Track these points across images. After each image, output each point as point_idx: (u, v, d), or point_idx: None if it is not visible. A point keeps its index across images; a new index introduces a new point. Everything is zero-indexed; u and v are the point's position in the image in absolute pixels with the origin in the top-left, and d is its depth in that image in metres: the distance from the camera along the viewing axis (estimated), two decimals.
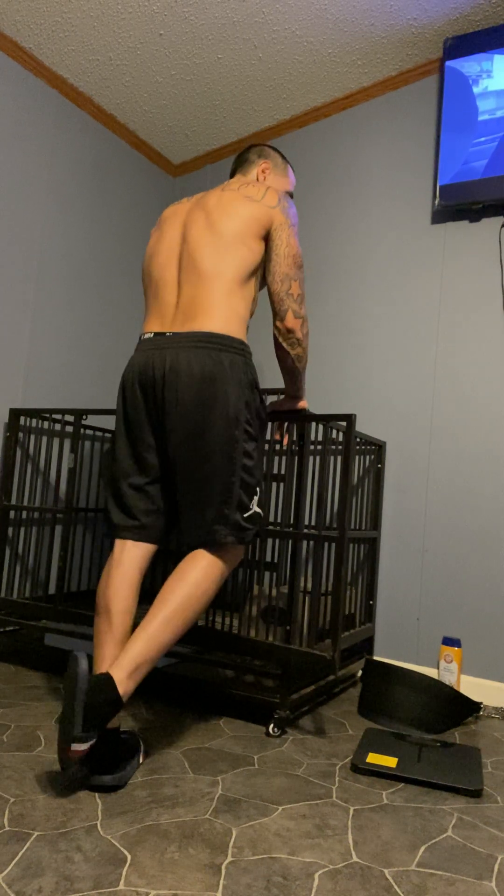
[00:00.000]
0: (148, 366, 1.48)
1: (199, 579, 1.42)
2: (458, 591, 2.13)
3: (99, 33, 2.25)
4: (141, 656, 1.31)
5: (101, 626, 1.43)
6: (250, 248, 1.52)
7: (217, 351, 1.45)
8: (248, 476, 1.49)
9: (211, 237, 1.51)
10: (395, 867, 1.08)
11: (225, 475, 1.45)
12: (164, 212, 1.67)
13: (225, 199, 1.55)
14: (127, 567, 1.48)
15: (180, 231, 1.58)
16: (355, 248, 2.49)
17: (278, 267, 1.55)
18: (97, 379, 2.67)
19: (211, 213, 1.54)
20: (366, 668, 1.88)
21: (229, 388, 1.45)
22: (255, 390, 1.52)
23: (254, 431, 1.51)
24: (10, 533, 2.26)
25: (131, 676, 1.30)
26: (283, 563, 1.83)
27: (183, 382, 1.44)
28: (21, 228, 2.35)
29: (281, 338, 1.59)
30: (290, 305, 1.56)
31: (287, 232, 1.56)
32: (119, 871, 1.01)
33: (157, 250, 1.59)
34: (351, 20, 2.18)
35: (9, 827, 1.12)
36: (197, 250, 1.51)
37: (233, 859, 1.07)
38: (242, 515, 1.48)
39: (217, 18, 2.19)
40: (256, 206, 1.54)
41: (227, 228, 1.51)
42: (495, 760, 1.59)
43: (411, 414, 2.29)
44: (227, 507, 1.45)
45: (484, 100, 2.13)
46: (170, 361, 1.45)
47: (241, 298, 1.52)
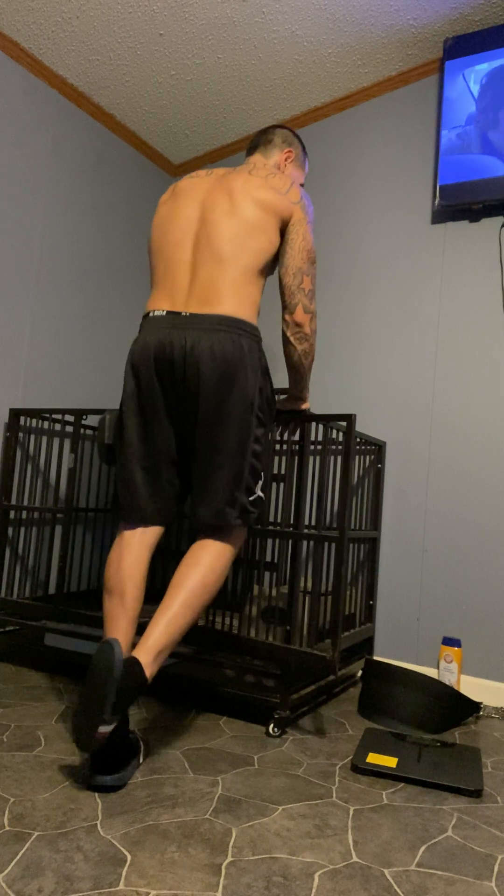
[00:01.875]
0: (165, 345, 1.45)
1: (212, 563, 1.44)
2: (458, 591, 2.13)
3: (99, 33, 2.25)
4: (163, 640, 1.34)
5: (115, 609, 1.44)
6: (269, 238, 1.52)
7: (237, 335, 1.45)
8: (256, 461, 1.50)
9: (232, 221, 1.49)
10: (395, 867, 1.08)
11: (238, 459, 1.46)
12: (180, 183, 1.61)
13: (251, 185, 1.53)
14: (138, 549, 1.49)
15: (198, 209, 1.54)
16: (355, 248, 2.49)
17: (293, 260, 1.56)
18: (97, 379, 2.67)
19: (235, 196, 1.51)
20: (366, 668, 1.88)
21: (248, 373, 1.46)
22: (267, 377, 1.53)
23: (264, 417, 1.52)
24: (10, 533, 2.26)
25: (156, 660, 1.32)
26: (283, 563, 1.83)
27: (205, 364, 1.43)
28: (21, 228, 2.35)
29: (289, 331, 1.59)
30: (301, 300, 1.57)
31: (304, 228, 1.56)
32: (119, 871, 1.01)
33: (172, 226, 1.55)
34: (351, 20, 2.18)
35: (9, 827, 1.12)
36: (216, 234, 1.49)
37: (233, 859, 1.07)
38: (248, 499, 1.49)
39: (217, 18, 2.19)
40: (281, 198, 1.54)
41: (249, 215, 1.50)
42: (495, 760, 1.59)
43: (411, 414, 2.29)
44: (237, 490, 1.47)
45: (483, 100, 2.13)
46: (190, 343, 1.43)
47: (255, 287, 1.51)
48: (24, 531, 2.31)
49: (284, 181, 1.57)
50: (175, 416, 1.49)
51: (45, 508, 2.12)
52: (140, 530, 1.51)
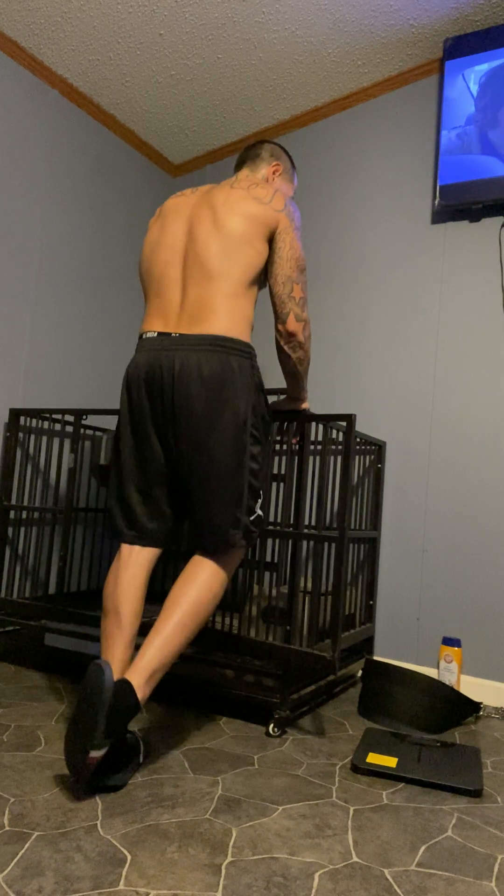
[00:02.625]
0: (155, 367, 1.46)
1: (208, 582, 1.43)
2: (458, 591, 2.13)
3: (99, 33, 2.25)
4: (156, 661, 1.33)
5: (111, 629, 1.43)
6: (257, 249, 1.51)
7: (226, 354, 1.44)
8: (254, 480, 1.50)
9: (218, 236, 1.48)
10: (395, 867, 1.08)
11: (236, 480, 1.45)
12: (166, 203, 1.62)
13: (233, 198, 1.52)
14: (135, 570, 1.48)
15: (185, 227, 1.54)
16: (355, 248, 2.49)
17: (281, 269, 1.54)
18: (97, 379, 2.67)
19: (218, 210, 1.51)
20: (366, 668, 1.88)
21: (239, 392, 1.45)
22: (260, 393, 1.52)
23: (259, 435, 1.51)
24: (10, 533, 2.26)
25: (148, 682, 1.31)
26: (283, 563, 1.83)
27: (193, 386, 1.42)
28: (21, 228, 2.35)
29: (283, 341, 1.58)
30: (293, 308, 1.55)
31: (291, 235, 1.54)
32: (119, 871, 1.01)
33: (160, 245, 1.55)
34: (351, 20, 2.18)
35: (9, 827, 1.12)
36: (204, 250, 1.48)
37: (233, 859, 1.07)
38: (249, 519, 1.49)
39: (217, 18, 2.19)
40: (264, 208, 1.52)
41: (234, 228, 1.49)
42: (495, 760, 1.59)
43: (411, 414, 2.29)
44: (239, 511, 1.46)
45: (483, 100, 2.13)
46: (179, 364, 1.43)
47: (247, 300, 1.50)
48: (24, 531, 2.31)
49: (267, 190, 1.56)
50: (165, 438, 1.48)
51: (45, 508, 2.12)
52: (137, 550, 1.51)
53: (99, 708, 1.19)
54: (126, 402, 1.52)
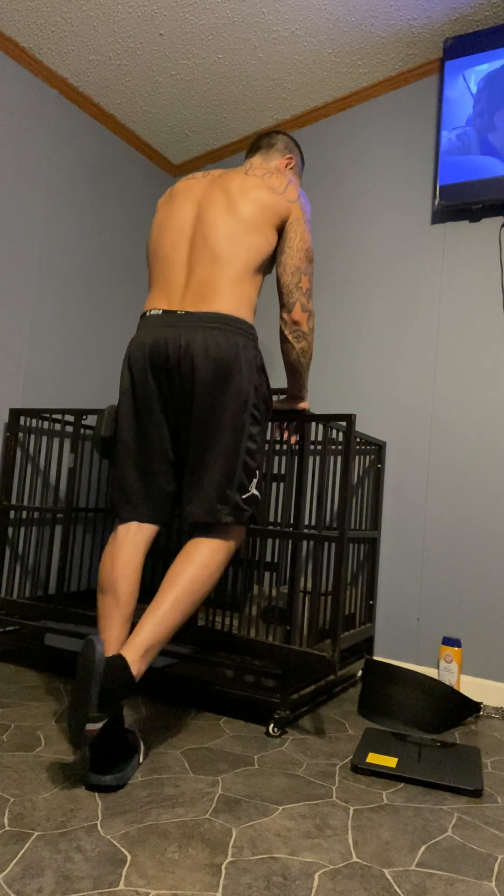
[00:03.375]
0: (160, 343, 1.46)
1: (205, 561, 1.43)
2: (458, 591, 2.13)
3: (99, 33, 2.25)
4: (152, 638, 1.33)
5: (108, 607, 1.43)
6: (266, 236, 1.52)
7: (232, 333, 1.45)
8: (250, 459, 1.49)
9: (229, 220, 1.49)
10: (395, 867, 1.08)
11: (230, 456, 1.45)
12: (177, 185, 1.62)
13: (248, 185, 1.53)
14: (132, 548, 1.48)
15: (195, 209, 1.55)
16: (355, 248, 2.49)
17: (290, 259, 1.55)
18: (97, 379, 2.67)
19: (232, 195, 1.52)
20: (366, 668, 1.88)
21: (243, 371, 1.45)
22: (262, 374, 1.52)
23: (259, 416, 1.51)
24: (10, 533, 2.26)
25: (143, 658, 1.31)
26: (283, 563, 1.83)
27: (199, 362, 1.43)
28: (21, 228, 2.35)
29: (287, 330, 1.59)
30: (299, 298, 1.56)
31: (302, 226, 1.56)
32: (119, 871, 1.01)
33: (168, 226, 1.56)
34: (351, 20, 2.18)
35: (9, 827, 1.12)
36: (213, 231, 1.49)
37: (233, 859, 1.07)
38: (241, 496, 1.48)
39: (217, 18, 2.19)
40: (278, 197, 1.54)
41: (246, 214, 1.50)
42: (495, 760, 1.59)
43: (411, 414, 2.29)
44: (229, 487, 1.46)
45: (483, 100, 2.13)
46: (185, 340, 1.43)
47: (252, 285, 1.51)
48: (24, 531, 2.30)
49: (281, 180, 1.57)
50: (170, 414, 1.49)
51: (45, 508, 2.12)
52: (134, 529, 1.51)
53: (92, 681, 1.21)
54: (128, 378, 1.52)
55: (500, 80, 2.12)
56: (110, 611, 1.43)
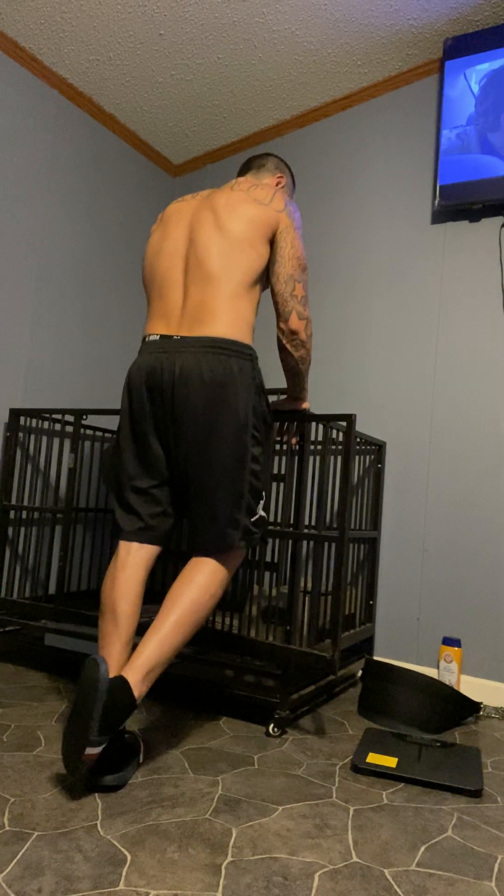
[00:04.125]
0: (156, 369, 1.47)
1: (207, 582, 1.43)
2: (458, 591, 2.13)
3: (99, 33, 2.25)
4: (153, 659, 1.33)
5: (108, 628, 1.43)
6: (258, 251, 1.52)
7: (227, 356, 1.45)
8: (255, 481, 1.50)
9: (219, 238, 1.50)
10: (395, 867, 1.08)
11: (236, 481, 1.46)
12: (167, 209, 1.64)
13: (234, 200, 1.54)
14: (133, 569, 1.48)
15: (186, 231, 1.56)
16: (355, 248, 2.49)
17: (283, 268, 1.55)
18: (97, 379, 2.67)
19: (219, 213, 1.53)
20: (366, 668, 1.88)
21: (239, 394, 1.45)
22: (261, 395, 1.53)
23: (261, 436, 1.52)
24: (10, 533, 2.26)
25: (144, 680, 1.31)
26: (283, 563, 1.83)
27: (194, 388, 1.43)
28: (21, 228, 2.35)
29: (284, 339, 1.59)
30: (295, 307, 1.56)
31: (292, 234, 1.56)
32: (119, 871, 1.01)
33: (162, 249, 1.57)
34: (351, 20, 2.18)
35: (9, 827, 1.12)
36: (205, 251, 1.49)
37: (233, 859, 1.07)
38: (250, 520, 1.49)
39: (217, 18, 2.19)
40: (264, 209, 1.54)
41: (235, 230, 1.50)
42: (495, 760, 1.59)
43: (411, 414, 2.29)
44: (238, 511, 1.47)
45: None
46: (179, 366, 1.44)
47: (249, 302, 1.51)
48: (24, 531, 2.31)
49: (267, 191, 1.57)
50: (166, 439, 1.49)
51: (45, 508, 2.12)
52: (135, 549, 1.51)
53: (94, 704, 1.19)
54: (127, 403, 1.54)
55: (501, 80, 2.12)
56: (110, 632, 1.43)
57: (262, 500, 1.54)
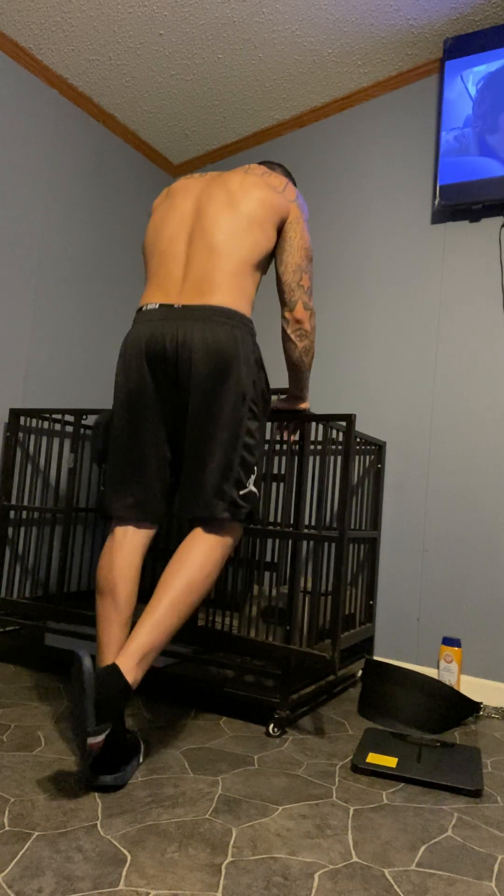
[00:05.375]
0: (156, 337, 1.44)
1: (201, 561, 1.41)
2: (458, 591, 2.13)
3: (99, 33, 2.25)
4: (148, 644, 1.31)
5: (107, 610, 1.42)
6: (266, 234, 1.52)
7: (231, 326, 1.43)
8: (248, 454, 1.47)
9: (230, 215, 1.49)
10: (395, 867, 1.08)
11: (228, 451, 1.43)
12: (174, 184, 1.63)
13: (248, 183, 1.54)
14: (129, 549, 1.47)
15: (194, 205, 1.54)
16: (355, 248, 2.49)
17: (292, 257, 1.56)
18: (97, 379, 2.67)
19: (233, 192, 1.52)
20: (366, 668, 1.88)
21: (241, 365, 1.43)
22: (261, 369, 1.51)
23: (258, 411, 1.49)
24: (10, 533, 2.26)
25: (139, 664, 1.30)
26: (283, 563, 1.83)
27: (198, 356, 1.41)
28: (21, 228, 2.35)
29: (289, 329, 1.59)
30: (301, 296, 1.56)
31: (301, 225, 1.57)
32: (119, 871, 1.01)
33: (166, 221, 1.55)
34: (351, 20, 2.18)
35: (9, 827, 1.12)
36: (213, 225, 1.48)
37: (233, 859, 1.07)
38: (238, 493, 1.45)
39: (217, 18, 2.19)
40: (279, 196, 1.54)
41: (248, 210, 1.50)
42: (495, 760, 1.59)
43: (411, 414, 2.29)
44: (226, 483, 1.43)
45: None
46: (182, 334, 1.42)
47: (251, 280, 1.50)
48: (24, 531, 2.31)
49: (280, 179, 1.58)
50: (168, 410, 1.48)
51: (45, 508, 2.12)
52: (132, 530, 1.49)
53: (85, 696, 1.19)
54: (123, 374, 1.49)
55: (498, 82, 2.12)
56: (109, 614, 1.42)
57: (253, 475, 1.49)
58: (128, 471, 1.50)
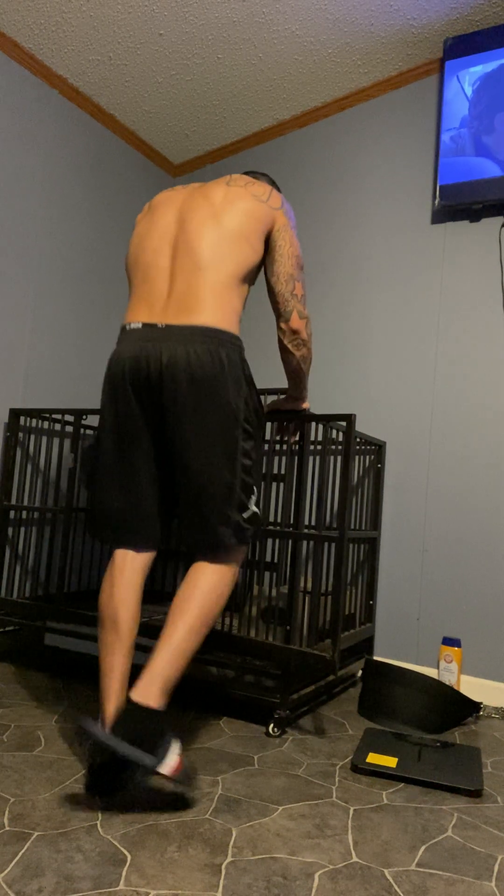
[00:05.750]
0: (140, 359, 1.40)
1: (212, 584, 1.40)
2: (458, 591, 2.13)
3: (99, 33, 2.25)
4: (169, 670, 1.30)
5: (109, 638, 1.40)
6: (252, 246, 1.47)
7: (216, 346, 1.39)
8: (247, 476, 1.44)
9: (214, 228, 1.45)
10: (395, 867, 1.08)
11: (226, 477, 1.40)
12: (156, 197, 1.59)
13: (232, 195, 1.50)
14: (130, 576, 1.45)
15: (176, 217, 1.50)
16: (355, 248, 2.49)
17: (282, 267, 1.52)
18: (97, 379, 2.67)
19: (216, 204, 1.48)
20: (366, 668, 1.88)
21: (229, 386, 1.39)
22: (252, 387, 1.47)
23: (252, 429, 1.46)
24: (10, 533, 2.26)
25: (164, 691, 1.28)
26: (283, 563, 1.83)
27: (182, 379, 1.37)
28: (21, 228, 2.35)
29: (286, 339, 1.56)
30: (296, 306, 1.53)
31: (290, 233, 1.53)
32: (119, 871, 1.01)
33: (149, 234, 1.50)
34: (351, 20, 2.18)
35: (9, 827, 1.12)
36: (197, 239, 1.44)
37: (233, 859, 1.07)
38: (242, 516, 1.43)
39: (217, 18, 2.19)
40: (263, 206, 1.50)
41: (232, 223, 1.46)
42: (495, 760, 1.59)
43: (411, 414, 2.29)
44: (230, 508, 1.41)
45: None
46: (167, 356, 1.37)
47: (237, 295, 1.46)
48: (24, 531, 2.30)
49: (264, 188, 1.54)
50: (154, 433, 1.44)
51: (45, 508, 2.12)
52: (131, 555, 1.46)
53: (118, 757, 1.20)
54: (109, 396, 1.46)
55: (494, 83, 2.12)
56: (111, 642, 1.40)
57: (254, 495, 1.46)
58: (118, 498, 1.45)
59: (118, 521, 1.46)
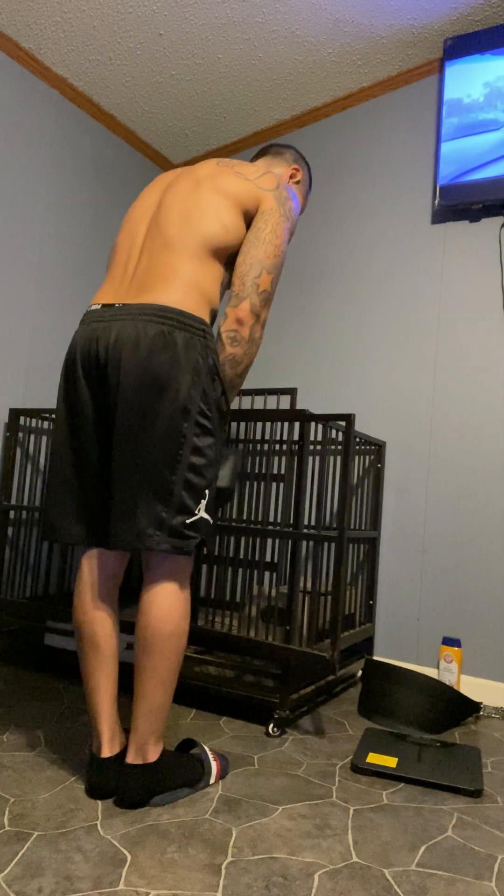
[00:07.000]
0: (91, 340, 1.28)
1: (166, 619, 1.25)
2: (458, 591, 2.13)
3: (99, 33, 2.25)
4: (154, 725, 1.25)
5: (90, 656, 1.30)
6: (224, 224, 1.34)
7: (171, 327, 1.25)
8: (195, 476, 1.27)
9: (184, 202, 1.35)
10: (395, 867, 1.08)
11: (165, 473, 1.23)
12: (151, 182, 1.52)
13: (215, 171, 1.40)
14: (101, 587, 1.33)
15: (157, 197, 1.42)
16: (355, 248, 2.49)
17: (254, 249, 1.35)
18: None
19: (199, 181, 1.39)
20: (366, 668, 1.88)
21: (181, 372, 1.25)
22: (215, 378, 1.31)
23: (210, 426, 1.30)
24: (10, 533, 2.26)
25: (156, 741, 1.26)
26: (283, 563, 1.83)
27: (127, 361, 1.23)
28: (21, 228, 2.35)
29: (223, 328, 1.34)
30: (251, 295, 1.33)
31: (276, 219, 1.38)
32: (119, 871, 1.01)
33: (131, 217, 1.42)
34: (351, 20, 2.18)
35: (9, 827, 1.12)
36: (165, 216, 1.34)
37: (233, 859, 1.07)
38: (185, 521, 1.25)
39: (217, 18, 2.19)
40: (246, 183, 1.39)
41: (202, 198, 1.36)
42: (495, 760, 1.59)
43: (411, 414, 2.29)
44: (166, 509, 1.23)
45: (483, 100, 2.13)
46: (114, 336, 1.25)
47: (207, 276, 1.33)
48: (24, 531, 2.31)
49: (257, 169, 1.43)
50: (103, 422, 1.30)
51: None
52: (99, 563, 1.33)
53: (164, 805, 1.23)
54: (63, 383, 1.34)
55: (499, 81, 2.12)
56: (92, 660, 1.31)
57: (204, 499, 1.29)
58: (69, 494, 1.32)
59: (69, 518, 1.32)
